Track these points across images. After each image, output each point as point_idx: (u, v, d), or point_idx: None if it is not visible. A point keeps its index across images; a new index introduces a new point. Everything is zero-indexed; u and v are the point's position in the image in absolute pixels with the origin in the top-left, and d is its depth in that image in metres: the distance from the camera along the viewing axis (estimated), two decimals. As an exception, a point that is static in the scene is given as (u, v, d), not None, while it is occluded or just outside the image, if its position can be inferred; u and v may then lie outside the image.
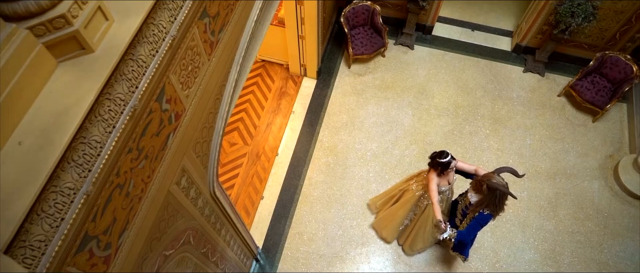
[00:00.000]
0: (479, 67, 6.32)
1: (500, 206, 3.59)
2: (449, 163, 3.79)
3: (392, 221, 4.76)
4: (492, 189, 3.47)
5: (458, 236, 3.79)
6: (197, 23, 2.06)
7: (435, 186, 3.94)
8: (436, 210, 3.92)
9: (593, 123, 5.88)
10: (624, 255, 5.06)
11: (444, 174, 3.93)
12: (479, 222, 3.71)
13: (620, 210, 5.35)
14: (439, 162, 3.82)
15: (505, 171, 3.55)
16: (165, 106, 1.86)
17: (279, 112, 5.95)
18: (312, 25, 5.30)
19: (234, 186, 5.25)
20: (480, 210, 3.67)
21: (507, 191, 3.47)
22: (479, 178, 3.64)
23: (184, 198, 2.23)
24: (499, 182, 3.46)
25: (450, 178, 4.03)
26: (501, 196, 3.51)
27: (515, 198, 3.59)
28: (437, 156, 3.86)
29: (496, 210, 3.61)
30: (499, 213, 3.69)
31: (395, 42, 6.52)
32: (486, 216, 3.65)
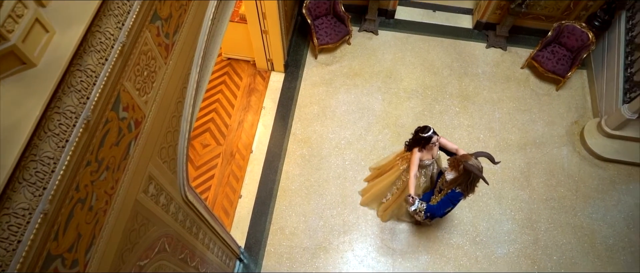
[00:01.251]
0: (443, 46, 6.41)
1: (471, 187, 3.74)
2: (430, 137, 3.92)
3: (376, 193, 4.88)
4: (467, 170, 3.57)
5: (428, 209, 3.91)
6: (148, 27, 2.01)
7: (417, 160, 4.08)
8: (411, 183, 4.06)
9: (557, 91, 6.06)
10: (597, 216, 5.25)
11: (427, 148, 4.06)
12: (449, 198, 3.84)
13: (589, 173, 5.54)
14: (421, 136, 3.96)
15: (482, 156, 3.65)
16: (123, 114, 1.81)
17: (249, 109, 5.90)
18: (274, 19, 5.25)
19: (211, 188, 5.20)
20: (453, 187, 3.77)
21: (481, 175, 3.56)
22: (458, 158, 3.73)
23: (154, 206, 2.19)
24: (474, 165, 3.55)
25: (434, 152, 4.15)
26: (474, 179, 3.65)
27: (487, 183, 3.70)
28: (419, 130, 3.98)
29: (467, 190, 3.75)
30: (469, 194, 3.82)
31: (359, 29, 6.53)
32: (457, 194, 3.78)
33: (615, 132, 5.39)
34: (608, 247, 5.07)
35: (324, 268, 4.81)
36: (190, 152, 5.39)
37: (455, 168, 3.74)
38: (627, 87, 5.30)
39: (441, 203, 3.90)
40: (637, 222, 5.20)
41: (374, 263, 4.88)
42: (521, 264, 4.94)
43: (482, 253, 5.00)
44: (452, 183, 3.80)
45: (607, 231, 5.17)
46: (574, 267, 4.94)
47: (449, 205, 3.89)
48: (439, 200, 4.00)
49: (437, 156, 4.25)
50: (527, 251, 5.03)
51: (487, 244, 5.06)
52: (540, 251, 5.03)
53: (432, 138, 3.92)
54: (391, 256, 4.94)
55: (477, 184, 3.79)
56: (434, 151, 4.14)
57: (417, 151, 4.07)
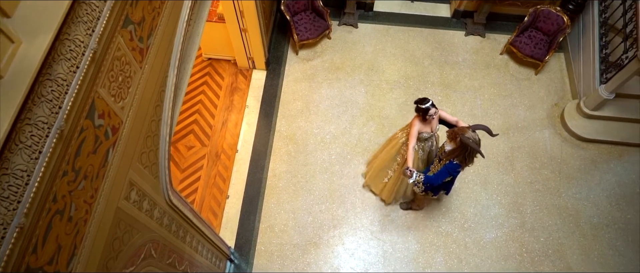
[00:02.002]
0: (423, 36, 6.44)
1: (469, 159, 3.77)
2: (428, 109, 3.95)
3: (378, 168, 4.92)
4: (463, 142, 3.61)
5: (426, 180, 3.94)
6: (120, 32, 1.98)
7: (415, 132, 4.13)
8: (410, 154, 4.12)
9: (536, 75, 6.14)
10: (580, 196, 5.35)
11: (427, 120, 4.09)
12: (447, 169, 3.88)
13: (571, 154, 5.63)
14: (420, 107, 3.99)
15: (480, 128, 3.70)
16: (99, 121, 1.79)
17: (232, 108, 5.87)
18: (253, 17, 5.22)
19: (198, 190, 5.17)
20: (451, 158, 3.82)
21: (477, 148, 3.61)
22: (456, 130, 3.78)
23: (137, 212, 2.17)
24: (471, 137, 3.60)
25: (433, 126, 4.19)
26: (471, 152, 3.68)
27: (483, 157, 3.75)
28: (418, 102, 4.01)
29: (465, 161, 3.78)
30: (467, 165, 3.86)
31: (339, 23, 6.53)
32: (455, 165, 3.82)
33: (594, 112, 5.49)
34: (593, 226, 5.18)
35: (315, 263, 4.83)
36: (175, 155, 5.36)
37: (454, 140, 3.79)
38: (603, 68, 5.40)
39: (439, 174, 3.93)
40: (619, 199, 5.31)
41: (365, 256, 4.91)
42: (509, 247, 5.01)
43: (471, 239, 5.07)
44: (450, 154, 3.84)
45: (591, 210, 5.27)
46: (561, 247, 5.03)
47: (446, 176, 3.92)
48: (437, 170, 4.04)
49: (436, 130, 4.28)
50: (515, 234, 5.11)
51: (476, 230, 5.12)
52: (527, 233, 5.12)
53: (430, 109, 3.95)
54: (381, 247, 4.98)
55: (476, 156, 3.83)
56: (433, 125, 4.18)
57: (416, 123, 4.11)
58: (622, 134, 5.56)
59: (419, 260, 4.93)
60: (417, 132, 4.15)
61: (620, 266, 4.94)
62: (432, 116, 4.01)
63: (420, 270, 4.87)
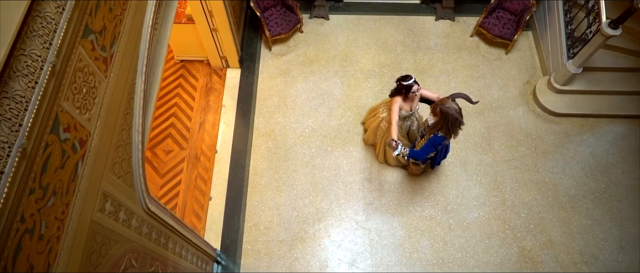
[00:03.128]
0: (394, 24, 6.47)
1: (452, 129, 3.82)
2: (410, 86, 3.97)
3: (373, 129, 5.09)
4: (444, 113, 3.65)
5: (411, 154, 3.99)
6: (81, 42, 1.94)
7: (397, 108, 4.20)
8: (393, 129, 4.17)
9: (506, 55, 6.25)
10: (557, 170, 5.48)
11: (408, 98, 4.14)
12: (432, 143, 3.93)
13: (545, 129, 5.76)
14: (402, 84, 4.04)
15: (459, 97, 3.75)
16: (64, 135, 1.75)
17: (209, 109, 5.82)
18: (222, 16, 5.17)
19: (179, 194, 5.12)
20: (434, 131, 3.85)
21: (457, 115, 3.65)
22: (436, 102, 3.82)
23: (114, 223, 2.15)
24: (451, 107, 3.65)
25: (414, 105, 4.24)
26: (453, 121, 3.72)
27: (463, 123, 3.81)
28: (401, 79, 4.06)
29: (449, 133, 3.83)
30: (451, 137, 3.92)
31: (310, 16, 6.51)
32: (439, 138, 3.87)
33: (564, 87, 5.62)
34: (570, 198, 5.31)
35: (302, 258, 4.85)
36: (153, 160, 5.30)
37: (435, 113, 3.84)
38: (569, 43, 5.52)
39: (424, 148, 3.99)
40: (594, 170, 5.47)
41: (352, 246, 4.95)
42: (492, 226, 5.12)
43: (455, 220, 5.15)
44: (433, 127, 3.89)
45: (567, 182, 5.41)
46: (542, 221, 5.15)
47: (431, 149, 3.98)
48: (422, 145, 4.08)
49: (416, 109, 4.32)
50: (497, 212, 5.21)
51: (459, 211, 5.21)
52: (508, 210, 5.23)
53: (412, 86, 3.98)
54: (367, 236, 5.02)
55: (460, 128, 3.88)
56: (414, 103, 4.22)
57: (398, 100, 4.15)
58: (592, 106, 5.70)
59: (405, 245, 4.99)
60: (398, 108, 4.20)
61: (598, 234, 5.09)
62: (415, 93, 4.04)
63: (407, 255, 4.94)
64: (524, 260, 4.94)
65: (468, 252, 4.97)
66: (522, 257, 4.95)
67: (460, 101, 3.94)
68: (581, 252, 5.01)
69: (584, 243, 5.05)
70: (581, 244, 5.05)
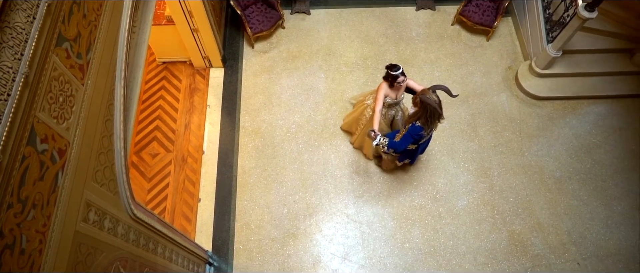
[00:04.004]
0: (375, 16, 6.47)
1: (431, 120, 3.84)
2: (397, 76, 4.02)
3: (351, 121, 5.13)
4: (423, 103, 3.68)
5: (390, 145, 4.01)
6: (54, 51, 1.90)
7: (382, 96, 4.23)
8: (375, 118, 4.21)
9: (487, 41, 6.29)
10: (542, 153, 5.55)
11: (394, 87, 4.16)
12: (410, 133, 3.95)
13: (529, 113, 5.82)
14: (389, 73, 4.06)
15: (440, 89, 3.76)
16: (42, 146, 1.72)
17: (194, 110, 5.77)
18: (202, 16, 5.12)
19: (167, 197, 5.08)
20: (413, 121, 3.89)
21: (436, 107, 3.68)
22: (418, 93, 3.84)
23: (99, 232, 2.12)
24: (431, 98, 3.68)
25: (399, 94, 4.27)
26: (432, 112, 3.75)
27: (442, 116, 3.86)
28: (389, 67, 4.08)
29: (427, 123, 3.85)
30: (430, 128, 3.95)
31: (291, 11, 6.48)
32: (417, 128, 3.89)
33: (545, 71, 5.68)
34: (556, 180, 5.39)
35: (295, 254, 4.86)
36: (139, 164, 5.25)
37: (415, 103, 3.86)
38: (548, 27, 5.57)
39: (403, 138, 4.01)
40: (578, 151, 5.55)
41: (344, 240, 4.97)
42: (481, 211, 5.17)
43: (444, 208, 5.20)
44: (412, 116, 3.93)
45: (553, 165, 5.48)
46: (529, 205, 5.22)
47: (410, 140, 3.99)
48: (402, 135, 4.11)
49: (401, 98, 4.33)
50: (485, 198, 5.27)
51: (448, 199, 5.25)
52: (496, 196, 5.29)
53: (398, 77, 4.01)
54: (359, 229, 5.04)
55: (439, 121, 3.91)
56: (399, 92, 4.24)
57: (384, 87, 4.19)
58: (573, 88, 5.78)
59: (397, 236, 5.03)
60: (383, 95, 4.22)
61: (585, 214, 5.18)
62: (400, 83, 4.07)
63: (399, 245, 4.97)
64: (514, 243, 5.01)
65: (459, 239, 5.02)
66: (512, 240, 5.02)
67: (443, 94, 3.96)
68: (569, 232, 5.09)
69: (571, 223, 5.14)
70: (569, 225, 5.13)
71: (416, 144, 4.33)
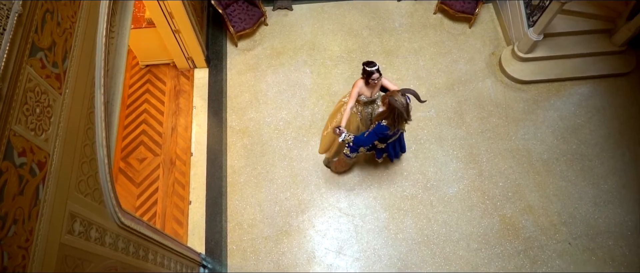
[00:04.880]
0: (357, 8, 6.46)
1: (397, 122, 3.83)
2: (372, 73, 4.01)
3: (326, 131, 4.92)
4: (391, 104, 3.69)
5: (355, 140, 4.01)
6: (28, 62, 1.86)
7: (356, 93, 4.21)
8: (345, 113, 4.21)
9: (470, 28, 6.31)
10: (529, 136, 5.60)
11: (370, 84, 4.13)
12: (375, 131, 3.96)
13: (514, 97, 5.87)
14: (365, 69, 4.04)
15: (409, 93, 3.76)
16: (20, 160, 1.69)
17: (180, 112, 5.72)
18: (183, 17, 5.06)
19: (157, 201, 5.04)
20: (379, 120, 3.91)
21: (402, 109, 3.69)
22: (387, 93, 3.86)
23: (85, 243, 2.09)
24: (399, 100, 3.67)
25: (374, 92, 4.25)
26: (398, 114, 3.74)
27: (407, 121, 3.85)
28: (366, 64, 4.05)
29: (393, 124, 3.85)
30: (395, 129, 3.94)
31: (273, 8, 6.43)
32: (383, 127, 3.89)
33: (527, 55, 5.72)
34: (544, 162, 5.45)
35: (289, 251, 4.86)
36: (127, 170, 5.20)
37: (384, 103, 3.86)
38: (528, 12, 5.60)
39: (368, 135, 4.02)
40: (564, 132, 5.61)
41: (337, 234, 4.98)
42: (472, 198, 5.21)
43: (435, 197, 5.23)
44: (380, 116, 3.93)
45: (540, 147, 5.54)
46: (519, 188, 5.27)
47: (374, 137, 4.01)
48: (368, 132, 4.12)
49: (376, 96, 4.33)
50: (475, 184, 5.31)
51: (438, 187, 5.28)
52: (486, 181, 5.33)
53: (373, 73, 4.01)
54: (352, 222, 5.06)
55: (405, 122, 3.91)
56: (375, 90, 4.23)
57: (359, 84, 4.18)
58: (556, 71, 5.84)
59: (390, 227, 5.05)
60: (357, 93, 4.22)
61: (574, 194, 5.25)
62: (375, 81, 4.06)
63: (393, 236, 5.00)
64: (506, 227, 5.06)
65: (451, 226, 5.06)
66: (504, 225, 5.07)
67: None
68: (559, 213, 5.16)
69: (561, 204, 5.20)
70: (558, 206, 5.20)
71: (384, 143, 4.35)
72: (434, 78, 5.94)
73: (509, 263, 4.89)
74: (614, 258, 4.93)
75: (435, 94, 5.83)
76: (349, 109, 4.22)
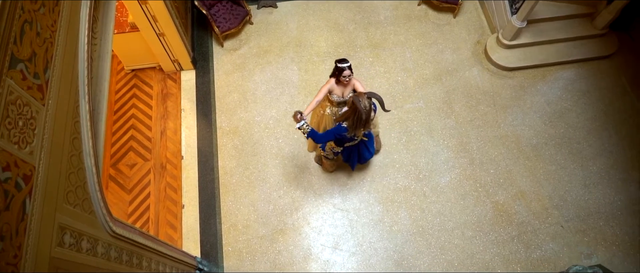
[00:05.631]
0: (342, 3, 6.44)
1: (357, 124, 3.74)
2: (342, 69, 3.98)
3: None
4: (354, 105, 3.64)
5: (310, 134, 3.92)
6: (8, 74, 1.83)
7: (326, 89, 4.21)
8: (311, 103, 4.19)
9: (454, 18, 6.33)
10: (517, 122, 5.65)
11: (340, 82, 4.11)
12: (333, 131, 3.91)
13: (501, 85, 5.91)
14: (337, 66, 4.03)
15: (375, 97, 3.66)
16: (5, 175, 1.67)
17: (168, 115, 5.68)
18: (166, 19, 5.02)
19: (150, 207, 5.01)
20: (340, 121, 3.86)
21: (363, 114, 3.61)
22: (353, 94, 3.81)
23: (77, 254, 2.07)
24: (363, 103, 3.59)
25: (346, 92, 4.23)
26: (359, 117, 3.66)
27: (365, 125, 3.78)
28: (338, 61, 4.04)
29: (352, 126, 3.77)
30: (354, 133, 3.87)
31: (258, 6, 6.40)
32: (342, 128, 3.82)
33: (512, 42, 5.76)
34: (533, 147, 5.50)
35: (285, 250, 4.86)
36: (118, 177, 5.16)
37: (348, 104, 3.84)
38: (511, -1, 5.65)
39: (325, 133, 3.98)
40: (551, 117, 5.66)
41: (332, 230, 4.99)
42: (464, 186, 5.25)
43: (428, 187, 5.25)
44: (342, 116, 3.88)
45: (528, 133, 5.58)
46: (510, 174, 5.32)
47: (331, 137, 3.95)
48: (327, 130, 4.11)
49: (347, 97, 4.31)
50: (467, 172, 5.34)
51: (431, 177, 5.31)
52: (477, 169, 5.37)
53: (344, 70, 3.98)
54: (346, 217, 5.07)
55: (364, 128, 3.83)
56: (346, 91, 4.21)
57: (330, 81, 4.18)
58: (541, 56, 5.88)
59: (385, 220, 5.07)
60: (327, 89, 4.21)
61: (563, 177, 5.31)
62: (346, 78, 4.02)
63: (388, 229, 5.02)
64: (499, 214, 5.10)
65: (446, 216, 5.10)
66: (497, 211, 5.12)
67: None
68: (550, 196, 5.22)
69: (551, 188, 5.26)
70: (549, 189, 5.25)
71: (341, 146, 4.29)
72: (421, 69, 5.95)
73: (504, 248, 4.94)
74: (605, 238, 5.01)
75: (423, 85, 5.85)
76: (314, 101, 4.18)
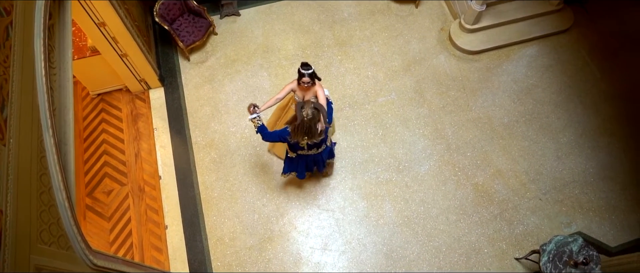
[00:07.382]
0: (305, 4, 6.44)
1: (297, 131, 3.76)
2: (302, 75, 4.01)
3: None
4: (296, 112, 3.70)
5: (259, 129, 3.94)
6: (-38, 117, 1.77)
7: (288, 88, 4.24)
8: (269, 100, 4.23)
9: (417, 8, 6.41)
10: (487, 104, 5.76)
11: (301, 85, 4.12)
12: (278, 133, 3.97)
13: (468, 68, 6.01)
14: (299, 70, 4.03)
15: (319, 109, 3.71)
16: (-29, 223, 1.61)
17: (141, 136, 5.57)
18: (127, 39, 4.91)
19: (132, 232, 4.91)
20: (288, 124, 3.91)
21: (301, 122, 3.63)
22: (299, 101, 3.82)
23: (58, 294, 2.02)
24: (305, 111, 3.62)
25: (306, 96, 4.24)
26: (299, 124, 3.68)
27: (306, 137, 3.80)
28: (302, 65, 4.04)
29: (294, 131, 3.79)
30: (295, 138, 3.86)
31: (220, 16, 6.34)
32: (285, 131, 3.88)
33: (474, 26, 5.88)
34: (505, 126, 5.62)
35: (275, 257, 4.84)
36: (95, 205, 5.04)
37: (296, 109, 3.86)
38: (469, -16, 5.75)
39: (274, 132, 4.02)
40: (519, 94, 5.80)
41: (320, 231, 5.00)
42: (444, 172, 5.32)
43: (409, 177, 5.31)
44: (290, 119, 3.96)
45: (499, 112, 5.71)
46: (486, 155, 5.42)
47: (276, 138, 3.99)
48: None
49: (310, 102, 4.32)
50: (445, 158, 5.43)
51: (411, 167, 5.37)
52: (455, 153, 5.46)
53: (303, 76, 4.00)
54: (332, 217, 5.08)
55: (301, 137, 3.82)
56: (306, 95, 4.22)
57: (294, 81, 4.20)
58: (503, 37, 6.02)
59: (370, 215, 5.10)
60: (289, 89, 4.24)
61: (537, 152, 5.45)
62: (305, 84, 4.04)
63: (374, 223, 5.05)
64: (480, 195, 5.20)
65: (429, 204, 5.17)
66: (478, 192, 5.21)
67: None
68: (526, 172, 5.35)
69: (527, 164, 5.40)
70: (525, 165, 5.39)
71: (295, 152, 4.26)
72: (389, 62, 6.01)
73: (488, 228, 5.04)
74: (581, 205, 5.17)
75: (393, 77, 5.91)
76: (274, 98, 4.21)
